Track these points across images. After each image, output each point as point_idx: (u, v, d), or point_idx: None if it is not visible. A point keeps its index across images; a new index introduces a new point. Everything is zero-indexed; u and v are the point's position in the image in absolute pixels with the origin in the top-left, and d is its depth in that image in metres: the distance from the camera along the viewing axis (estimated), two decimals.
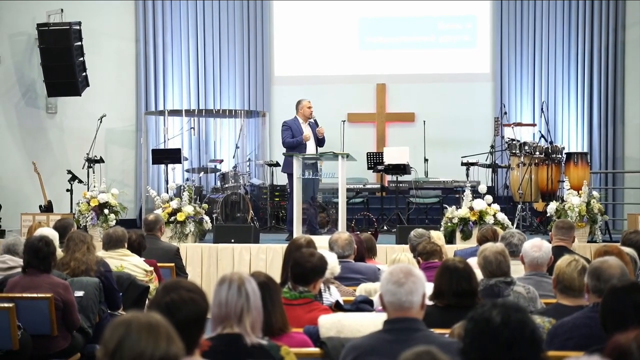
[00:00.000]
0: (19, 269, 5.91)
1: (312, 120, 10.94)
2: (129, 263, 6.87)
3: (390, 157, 12.00)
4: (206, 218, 10.42)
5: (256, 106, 14.75)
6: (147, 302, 6.48)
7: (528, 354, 2.86)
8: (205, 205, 10.84)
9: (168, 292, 3.04)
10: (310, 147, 10.82)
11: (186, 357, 2.70)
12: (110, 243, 6.93)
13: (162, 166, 12.95)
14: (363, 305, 4.94)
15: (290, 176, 10.58)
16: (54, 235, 6.60)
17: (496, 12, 14.58)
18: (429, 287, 4.49)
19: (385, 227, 11.77)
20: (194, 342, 2.95)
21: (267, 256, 9.71)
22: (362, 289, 5.55)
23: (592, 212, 9.86)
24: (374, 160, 12.54)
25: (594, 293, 4.02)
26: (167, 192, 10.92)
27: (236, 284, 3.45)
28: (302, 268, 4.69)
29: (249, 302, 3.44)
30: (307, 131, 10.77)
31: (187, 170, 13.70)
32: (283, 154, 10.71)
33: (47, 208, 11.60)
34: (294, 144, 10.70)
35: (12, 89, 13.26)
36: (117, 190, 10.71)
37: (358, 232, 8.40)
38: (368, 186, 13.14)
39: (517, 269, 5.55)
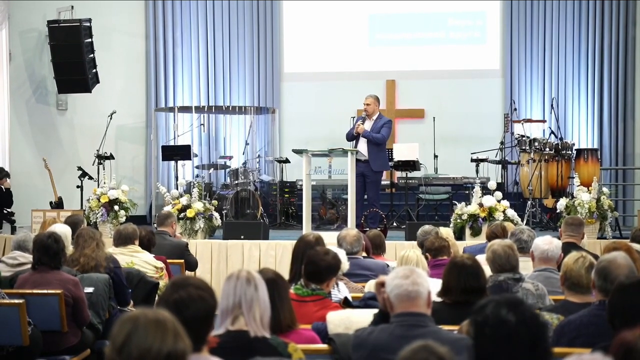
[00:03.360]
0: (29, 265, 5.94)
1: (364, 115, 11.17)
2: (139, 259, 6.90)
3: (400, 153, 12.00)
4: (216, 214, 10.43)
5: (266, 103, 14.75)
6: (156, 298, 6.50)
7: (548, 347, 2.88)
8: (214, 202, 10.87)
9: (177, 289, 3.05)
10: (362, 143, 10.97)
11: (194, 354, 2.71)
12: (120, 239, 6.96)
13: (172, 163, 12.98)
14: (372, 301, 4.93)
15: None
16: (66, 232, 6.63)
17: (506, 8, 14.55)
18: (437, 285, 4.50)
19: (394, 224, 11.76)
20: (202, 339, 2.97)
21: (276, 252, 9.73)
22: (371, 285, 5.55)
23: (602, 209, 9.83)
24: None
25: (601, 291, 4.02)
26: (177, 189, 10.94)
27: (245, 276, 3.49)
28: (317, 266, 4.70)
29: (257, 292, 3.47)
30: (361, 125, 10.96)
31: (197, 167, 13.72)
32: (292, 150, 10.71)
33: (58, 204, 11.64)
34: (347, 136, 11.19)
35: (23, 85, 13.31)
36: (127, 187, 10.74)
37: (367, 229, 8.41)
38: None
39: (526, 266, 5.55)
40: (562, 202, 10.03)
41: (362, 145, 10.87)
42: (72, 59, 12.67)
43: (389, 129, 11.15)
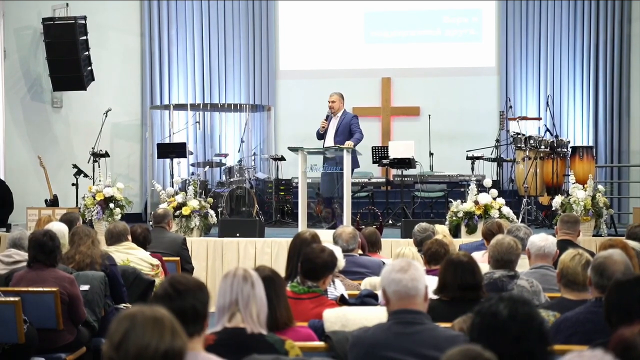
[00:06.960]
0: (25, 263, 5.93)
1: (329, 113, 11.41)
2: (135, 257, 6.88)
3: (396, 151, 11.98)
4: (211, 212, 10.42)
5: (261, 100, 14.75)
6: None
7: (536, 347, 2.86)
8: (210, 200, 10.84)
9: (171, 285, 3.06)
10: (328, 140, 11.21)
11: (191, 350, 2.71)
12: (112, 238, 6.95)
13: (168, 160, 12.94)
14: (368, 299, 4.94)
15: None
16: (62, 230, 6.61)
17: (502, 6, 14.57)
18: (433, 282, 4.50)
19: (390, 221, 11.76)
20: (197, 335, 2.96)
21: (272, 250, 9.71)
22: (367, 282, 5.56)
23: (598, 206, 9.83)
24: (379, 154, 12.52)
25: (597, 288, 4.02)
26: (173, 186, 10.91)
27: (241, 274, 3.50)
28: (313, 264, 4.69)
29: (254, 289, 3.47)
30: (326, 124, 11.32)
31: (193, 165, 13.70)
32: (288, 148, 10.71)
33: (53, 202, 11.61)
34: (317, 135, 11.52)
35: (18, 83, 13.27)
36: (123, 185, 10.72)
37: (362, 227, 8.40)
38: (373, 180, 13.13)
39: (522, 263, 5.55)
40: (557, 200, 10.04)
41: (329, 141, 11.18)
42: (67, 56, 12.64)
43: (358, 124, 11.40)
